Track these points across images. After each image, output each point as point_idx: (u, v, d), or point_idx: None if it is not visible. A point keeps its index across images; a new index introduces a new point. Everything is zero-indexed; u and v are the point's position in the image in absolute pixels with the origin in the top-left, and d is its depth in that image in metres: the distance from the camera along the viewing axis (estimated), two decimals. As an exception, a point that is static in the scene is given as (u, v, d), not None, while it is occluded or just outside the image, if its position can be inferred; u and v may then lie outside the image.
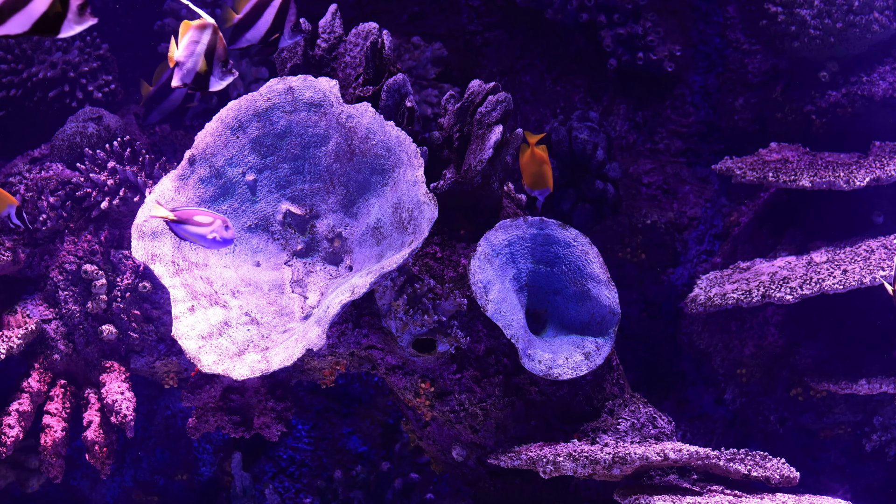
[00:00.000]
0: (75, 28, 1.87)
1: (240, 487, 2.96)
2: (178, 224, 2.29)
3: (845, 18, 3.01)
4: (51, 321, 2.75)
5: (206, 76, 2.14)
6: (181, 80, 2.14)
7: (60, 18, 1.85)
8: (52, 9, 1.84)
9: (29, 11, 1.84)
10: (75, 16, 1.85)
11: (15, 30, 1.85)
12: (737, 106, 3.27)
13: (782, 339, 2.99)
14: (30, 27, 1.84)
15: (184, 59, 2.13)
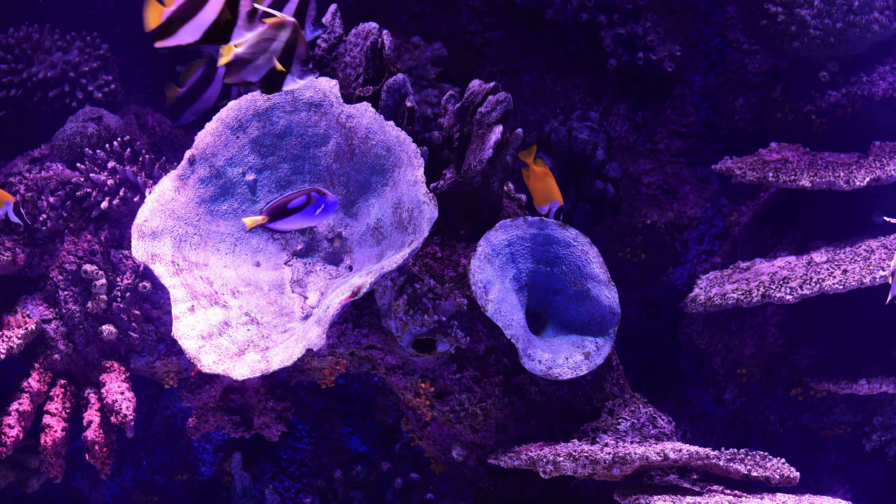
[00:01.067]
0: (245, 35, 1.88)
1: (240, 487, 2.96)
2: (276, 222, 2.24)
3: (845, 18, 3.01)
4: (51, 321, 2.75)
5: (280, 75, 2.06)
6: (244, 77, 2.03)
7: (230, 26, 1.85)
8: (221, 17, 1.84)
9: (199, 20, 1.84)
10: (245, 22, 1.86)
11: (186, 39, 1.85)
12: (737, 106, 3.27)
13: (782, 339, 2.99)
14: (200, 36, 1.85)
15: (249, 56, 2.04)
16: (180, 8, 1.84)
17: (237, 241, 2.54)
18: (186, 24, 1.85)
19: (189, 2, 1.84)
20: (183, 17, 1.84)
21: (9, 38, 3.05)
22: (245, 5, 1.86)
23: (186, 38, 1.85)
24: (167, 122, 3.14)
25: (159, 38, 1.85)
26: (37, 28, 3.08)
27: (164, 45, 1.86)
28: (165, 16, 1.84)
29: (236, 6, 1.85)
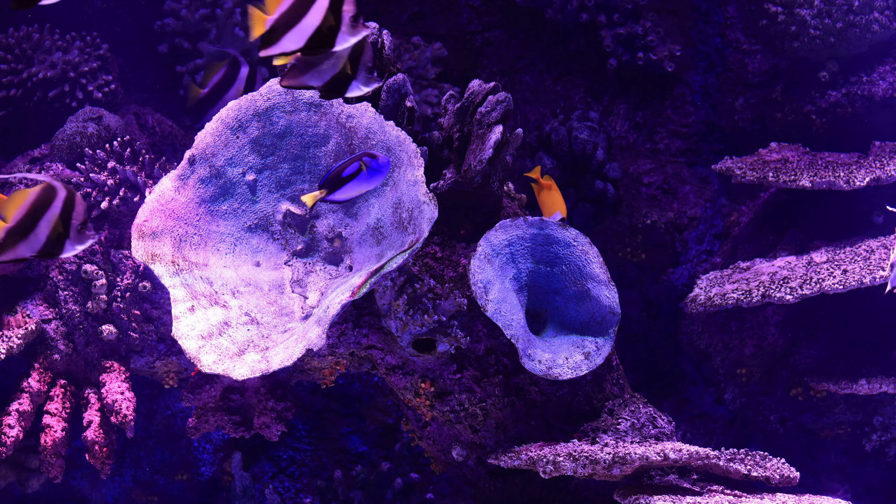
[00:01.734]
0: (350, 40, 1.86)
1: (240, 487, 2.96)
2: (334, 193, 2.21)
3: (845, 18, 3.01)
4: (51, 321, 2.75)
5: (346, 80, 2.01)
6: (304, 81, 1.99)
7: (334, 32, 1.84)
8: (325, 23, 1.83)
9: (303, 27, 1.83)
10: (349, 28, 1.84)
11: (290, 46, 1.84)
12: (737, 106, 3.27)
13: (782, 339, 2.99)
14: (304, 42, 1.83)
15: (313, 60, 1.99)
16: (283, 15, 1.83)
17: (237, 241, 2.54)
18: (290, 31, 1.84)
19: (292, 9, 1.83)
20: (286, 24, 1.83)
21: (9, 38, 3.05)
22: (348, 10, 1.84)
23: (290, 45, 1.84)
24: (167, 122, 3.14)
25: (263, 47, 1.84)
26: (37, 28, 3.08)
27: (269, 52, 1.85)
28: (269, 24, 1.84)
29: (339, 12, 1.83)
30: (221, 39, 3.16)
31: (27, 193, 1.88)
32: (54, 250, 1.90)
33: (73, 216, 1.90)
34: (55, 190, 1.88)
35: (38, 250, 1.89)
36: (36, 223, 1.88)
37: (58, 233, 1.88)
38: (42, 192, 1.88)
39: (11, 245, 1.88)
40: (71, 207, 1.89)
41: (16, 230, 1.87)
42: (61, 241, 1.90)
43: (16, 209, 1.87)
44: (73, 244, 1.91)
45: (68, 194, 1.89)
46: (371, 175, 2.17)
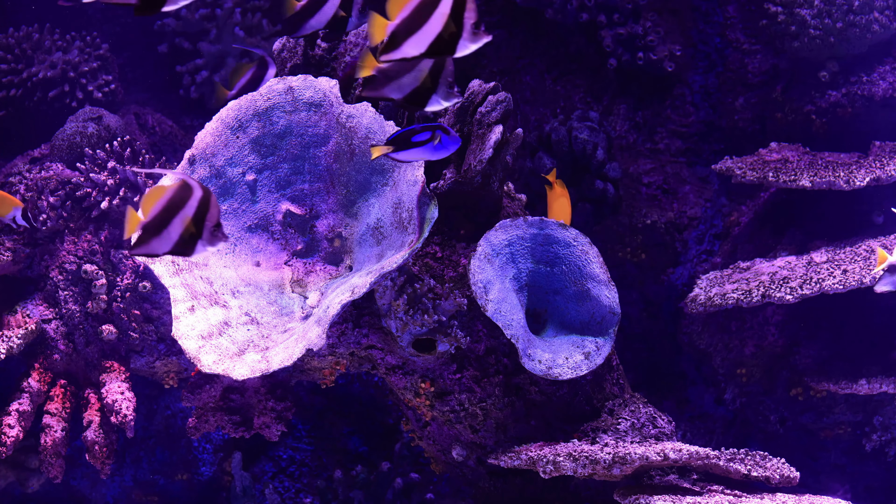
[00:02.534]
0: (470, 47, 1.85)
1: (240, 487, 2.96)
2: (399, 152, 2.20)
3: (845, 18, 3.01)
4: (51, 321, 2.75)
5: (426, 94, 2.00)
6: (385, 93, 1.98)
7: (455, 39, 1.84)
8: (446, 30, 1.83)
9: (424, 33, 1.83)
10: (470, 35, 1.84)
11: (411, 52, 1.84)
12: (737, 106, 3.27)
13: (782, 339, 2.99)
14: (426, 49, 1.84)
15: (395, 73, 1.98)
16: (405, 22, 1.83)
17: (237, 241, 2.54)
18: (411, 37, 1.83)
19: (413, 15, 1.83)
20: (408, 30, 1.83)
21: (9, 38, 3.05)
22: (470, 17, 1.84)
23: (411, 52, 1.84)
24: (167, 122, 3.14)
25: (384, 52, 1.84)
26: (37, 28, 3.08)
27: (389, 58, 1.85)
28: (390, 30, 1.84)
29: (461, 19, 1.83)
30: (221, 39, 3.16)
31: (164, 190, 1.87)
32: (186, 250, 1.90)
33: (207, 218, 1.89)
34: (191, 189, 1.88)
35: (169, 248, 1.89)
36: (169, 221, 1.88)
37: (190, 233, 1.88)
38: (178, 191, 1.87)
39: (146, 241, 1.88)
40: (206, 209, 1.88)
41: (150, 226, 1.87)
42: (193, 241, 1.89)
43: (153, 205, 1.87)
44: (204, 245, 1.91)
45: (204, 194, 1.88)
46: (437, 148, 2.16)
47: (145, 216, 1.87)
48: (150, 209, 1.87)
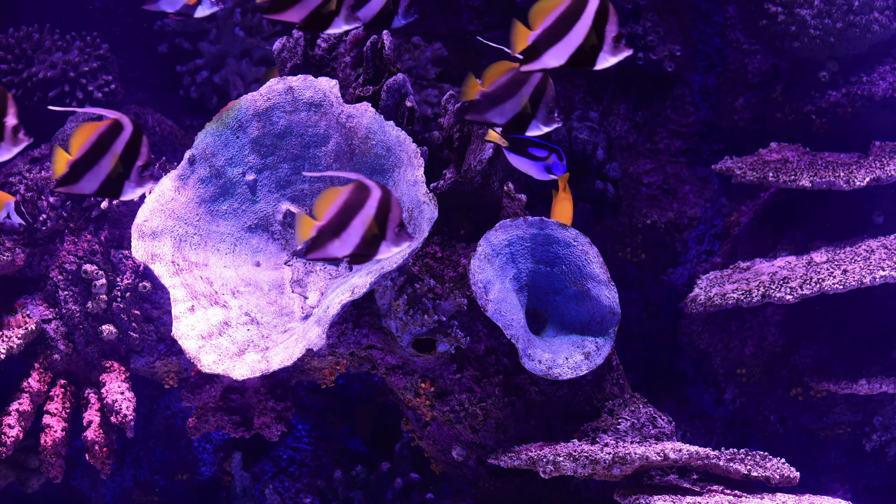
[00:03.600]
0: (610, 60, 1.88)
1: (240, 487, 2.96)
2: (511, 154, 2.20)
3: (845, 18, 3.01)
4: (51, 321, 2.75)
5: (527, 119, 2.03)
6: (488, 117, 2.01)
7: (596, 51, 1.87)
8: (588, 41, 1.85)
9: (566, 44, 1.84)
10: (611, 48, 1.87)
11: (552, 63, 1.87)
12: (737, 106, 3.27)
13: (782, 339, 2.99)
14: (566, 59, 1.86)
15: (497, 97, 2.01)
16: (546, 31, 1.84)
17: (237, 241, 2.54)
18: (552, 47, 1.85)
19: (555, 26, 1.84)
20: (549, 40, 1.84)
21: (9, 38, 3.05)
22: (611, 31, 1.85)
23: (552, 62, 1.86)
24: (167, 121, 3.14)
25: (525, 62, 1.86)
26: (37, 28, 3.08)
27: (530, 67, 1.87)
28: (531, 39, 1.85)
29: (602, 31, 1.84)
30: (221, 39, 3.16)
31: (338, 192, 1.86)
32: (369, 251, 1.88)
33: (390, 217, 1.87)
34: (369, 190, 1.86)
35: (352, 250, 1.88)
36: (348, 223, 1.87)
37: (372, 234, 1.86)
38: (354, 192, 1.86)
39: (322, 244, 1.87)
40: (387, 209, 1.87)
41: (327, 229, 1.86)
42: (376, 242, 1.88)
43: (327, 208, 1.86)
44: (388, 246, 1.89)
45: (384, 194, 1.87)
46: (544, 170, 2.23)
47: (319, 219, 1.84)
48: (326, 212, 1.85)
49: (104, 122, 1.86)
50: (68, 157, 1.88)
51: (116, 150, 1.89)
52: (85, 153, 1.88)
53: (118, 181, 1.89)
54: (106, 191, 1.90)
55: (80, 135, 1.87)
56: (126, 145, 1.89)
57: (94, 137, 1.87)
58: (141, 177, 1.90)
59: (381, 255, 1.89)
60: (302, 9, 1.97)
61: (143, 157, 1.89)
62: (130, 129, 1.87)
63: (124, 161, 1.88)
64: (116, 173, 1.88)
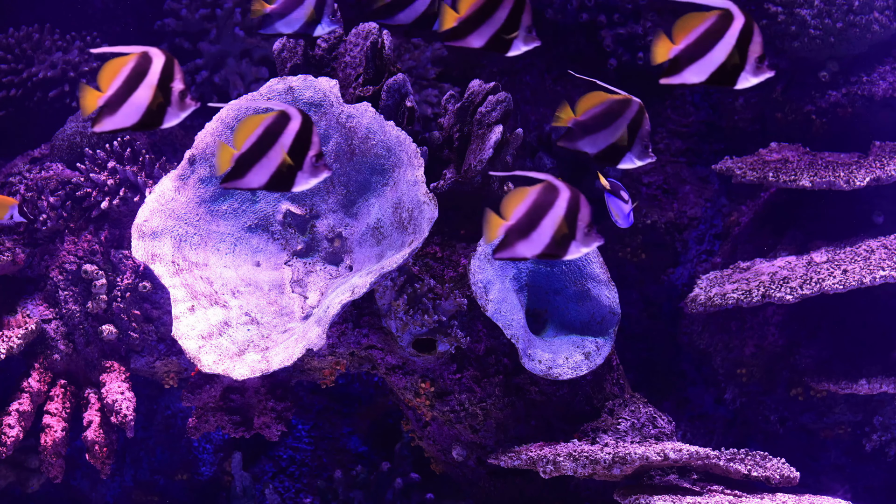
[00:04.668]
0: (752, 80, 1.87)
1: (240, 487, 2.96)
2: (610, 195, 2.26)
3: (845, 18, 3.01)
4: (51, 321, 2.75)
5: (620, 151, 2.03)
6: (580, 146, 2.02)
7: (738, 70, 1.87)
8: (730, 60, 1.85)
9: (707, 61, 1.86)
10: (753, 68, 1.88)
11: (693, 79, 1.89)
12: (737, 106, 3.27)
13: (782, 339, 2.99)
14: (707, 77, 1.87)
15: (590, 125, 2.02)
16: (689, 48, 1.85)
17: (237, 241, 2.54)
18: (694, 63, 1.86)
19: (698, 42, 1.85)
20: (691, 56, 1.85)
21: (9, 38, 3.05)
22: (754, 51, 1.85)
23: (693, 78, 1.87)
24: (167, 122, 3.13)
25: (665, 76, 1.87)
26: (37, 28, 3.08)
27: (670, 81, 1.88)
28: (673, 53, 1.86)
29: (745, 51, 1.85)
30: (221, 39, 3.16)
31: (527, 192, 1.87)
32: (559, 252, 1.89)
33: (579, 217, 1.88)
34: (557, 190, 1.87)
35: (540, 251, 1.88)
36: (538, 223, 1.87)
37: (562, 234, 1.86)
38: (543, 192, 1.87)
39: (511, 244, 1.88)
40: (576, 209, 1.87)
41: (516, 228, 1.87)
42: (566, 242, 1.88)
43: (516, 207, 1.87)
44: (578, 246, 1.89)
45: (573, 194, 1.87)
46: (623, 213, 2.33)
47: (507, 219, 1.86)
48: (514, 211, 1.87)
49: (270, 115, 1.84)
50: (233, 152, 1.84)
51: (285, 142, 1.85)
52: (251, 147, 1.86)
53: (290, 173, 1.87)
54: (276, 184, 1.87)
55: (245, 128, 1.86)
56: (296, 136, 1.86)
57: (259, 130, 1.85)
58: (314, 167, 1.88)
59: (571, 256, 1.90)
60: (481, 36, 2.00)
61: (315, 147, 1.87)
62: (299, 119, 1.86)
63: (294, 153, 1.86)
64: (287, 165, 1.86)
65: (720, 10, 1.83)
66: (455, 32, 1.95)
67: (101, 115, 1.85)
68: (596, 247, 1.94)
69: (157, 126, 1.87)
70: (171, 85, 1.85)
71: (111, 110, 1.85)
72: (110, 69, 1.85)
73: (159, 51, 1.86)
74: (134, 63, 1.84)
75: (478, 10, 1.94)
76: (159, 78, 1.85)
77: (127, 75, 1.85)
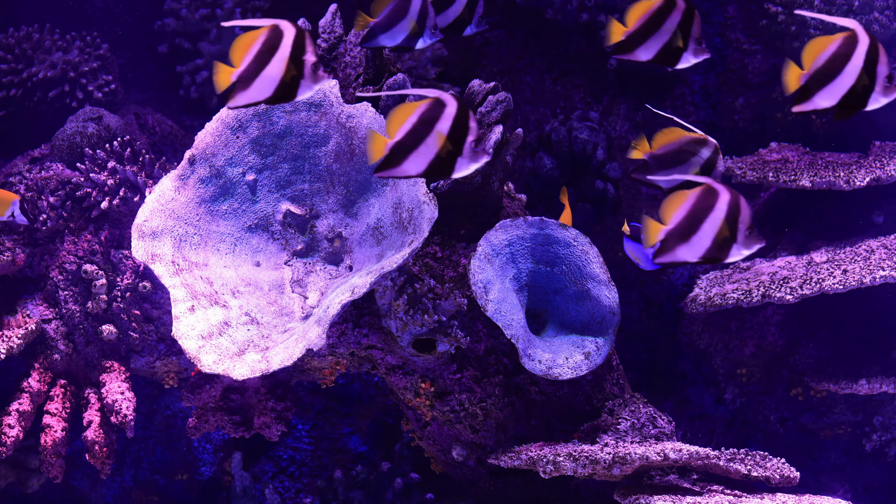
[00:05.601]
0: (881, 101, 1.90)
1: (240, 487, 2.96)
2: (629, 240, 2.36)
3: (845, 18, 3.01)
4: (51, 321, 2.75)
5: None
6: (654, 180, 2.05)
7: (867, 93, 1.89)
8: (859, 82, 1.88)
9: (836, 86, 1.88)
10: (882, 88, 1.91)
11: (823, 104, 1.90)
12: (737, 106, 3.27)
13: (782, 339, 2.99)
14: (837, 101, 1.89)
15: (665, 159, 2.05)
16: (818, 72, 1.87)
17: (237, 241, 2.54)
18: (824, 88, 1.87)
19: (826, 66, 1.87)
20: (820, 81, 1.87)
21: (9, 38, 3.05)
22: (882, 71, 1.86)
23: (823, 103, 1.89)
24: (167, 121, 3.14)
25: (796, 102, 1.89)
26: (37, 28, 3.08)
27: (801, 109, 1.91)
28: (803, 80, 1.88)
29: (874, 73, 1.86)
30: (221, 39, 3.16)
31: (686, 195, 1.87)
32: (720, 255, 1.89)
33: (740, 220, 1.88)
34: (717, 193, 1.87)
35: (701, 255, 1.89)
36: (698, 226, 1.87)
37: (723, 237, 1.86)
38: (703, 195, 1.87)
39: (671, 248, 1.88)
40: (737, 211, 1.87)
41: (675, 232, 1.88)
42: (727, 245, 1.88)
43: (675, 211, 1.87)
44: (739, 249, 1.89)
45: (733, 196, 1.87)
46: None
47: (666, 223, 1.86)
48: (674, 214, 1.88)
49: (423, 102, 1.82)
50: (385, 140, 1.82)
51: (442, 127, 1.83)
52: (406, 134, 1.83)
53: (449, 159, 1.85)
54: (435, 170, 1.84)
55: (398, 116, 1.84)
56: (453, 121, 1.84)
57: (414, 117, 1.84)
58: (474, 152, 1.86)
59: (732, 259, 1.91)
60: None
61: (474, 132, 1.85)
62: (455, 105, 1.84)
63: (452, 139, 1.84)
64: (447, 150, 1.84)
65: (847, 32, 1.86)
66: (623, 46, 1.98)
67: (235, 90, 1.85)
68: (757, 248, 1.93)
69: (290, 99, 1.87)
70: (303, 57, 1.84)
71: (244, 85, 1.85)
72: (242, 44, 1.85)
73: (290, 23, 1.85)
74: (265, 37, 1.84)
75: (646, 23, 1.96)
76: (291, 50, 1.84)
77: (258, 49, 1.85)
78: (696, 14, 1.98)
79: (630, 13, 2.00)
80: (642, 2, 1.99)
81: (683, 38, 1.98)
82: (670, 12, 1.97)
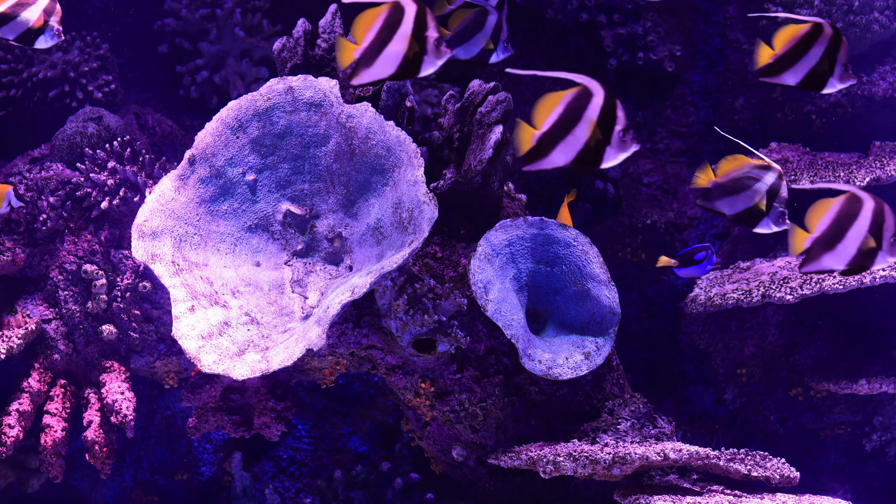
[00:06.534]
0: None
1: (240, 487, 2.96)
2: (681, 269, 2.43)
3: (845, 18, 3.01)
4: (51, 321, 2.75)
5: (758, 215, 2.07)
6: (717, 206, 2.06)
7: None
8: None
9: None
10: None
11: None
12: (737, 106, 3.27)
13: (782, 339, 2.99)
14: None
15: (729, 188, 2.06)
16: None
17: (237, 241, 2.54)
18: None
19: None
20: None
21: (9, 38, 3.05)
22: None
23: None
24: (167, 121, 3.14)
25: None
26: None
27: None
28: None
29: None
30: (221, 39, 3.16)
31: (830, 203, 1.90)
32: (865, 263, 1.90)
33: (885, 228, 1.89)
34: (861, 201, 1.88)
35: (847, 263, 1.90)
36: (843, 234, 1.89)
37: (869, 246, 1.87)
38: (846, 203, 1.89)
39: (816, 256, 1.90)
40: (881, 219, 1.88)
41: (821, 241, 1.90)
42: (873, 254, 1.89)
43: (819, 220, 1.89)
44: (885, 257, 1.90)
45: (876, 206, 1.88)
46: (705, 265, 2.44)
47: (812, 231, 1.88)
48: (819, 222, 1.90)
49: (568, 91, 1.78)
50: (532, 131, 1.80)
51: (591, 115, 1.81)
52: (554, 124, 1.81)
53: (598, 148, 1.82)
54: (584, 161, 1.81)
55: (545, 105, 1.82)
56: (601, 110, 1.81)
57: (561, 107, 1.82)
58: (622, 141, 1.85)
59: (877, 266, 1.92)
60: None
61: (622, 122, 1.84)
62: (602, 94, 1.82)
63: (601, 128, 1.80)
64: (595, 140, 1.82)
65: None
66: (770, 69, 2.01)
67: (358, 67, 1.84)
68: None
69: (413, 75, 1.86)
70: (425, 34, 1.84)
71: (367, 62, 1.85)
72: (364, 21, 1.84)
73: (411, 0, 1.84)
74: (387, 13, 1.84)
75: (794, 48, 1.99)
76: (413, 27, 1.84)
77: (381, 26, 1.85)
78: (844, 40, 2.00)
79: (778, 37, 2.03)
80: (790, 26, 2.01)
81: (830, 63, 2.00)
82: (818, 37, 1.99)
